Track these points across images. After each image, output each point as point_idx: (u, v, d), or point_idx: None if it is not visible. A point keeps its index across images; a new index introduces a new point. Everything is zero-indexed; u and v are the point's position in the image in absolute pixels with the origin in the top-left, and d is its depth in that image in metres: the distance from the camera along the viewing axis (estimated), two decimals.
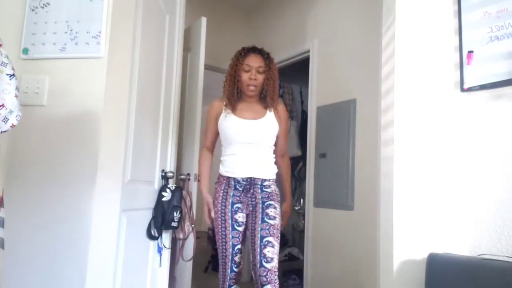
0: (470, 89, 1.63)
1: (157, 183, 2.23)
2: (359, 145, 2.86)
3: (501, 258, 1.46)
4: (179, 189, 2.28)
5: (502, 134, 1.56)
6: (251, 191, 2.08)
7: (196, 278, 3.21)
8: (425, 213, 1.64)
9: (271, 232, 1.99)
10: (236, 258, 2.07)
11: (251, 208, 2.09)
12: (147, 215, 2.12)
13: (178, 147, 2.57)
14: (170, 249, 2.38)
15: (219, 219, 2.08)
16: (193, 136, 2.72)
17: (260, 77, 2.13)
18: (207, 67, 3.22)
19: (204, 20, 2.77)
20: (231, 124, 2.11)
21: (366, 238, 2.64)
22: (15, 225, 1.57)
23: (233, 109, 2.13)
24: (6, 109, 1.18)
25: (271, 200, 2.08)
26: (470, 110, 1.64)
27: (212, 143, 2.28)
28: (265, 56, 2.17)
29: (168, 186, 2.23)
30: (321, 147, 3.17)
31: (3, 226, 1.29)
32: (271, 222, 2.02)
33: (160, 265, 2.26)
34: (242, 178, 2.07)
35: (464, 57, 1.65)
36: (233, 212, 2.08)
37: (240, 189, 2.08)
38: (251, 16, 4.35)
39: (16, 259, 1.59)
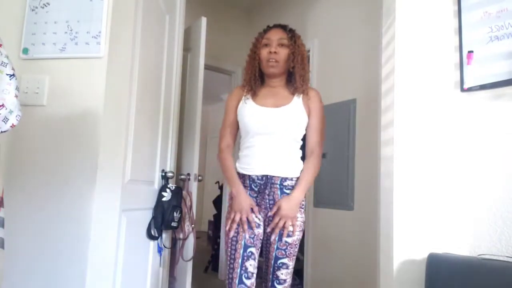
0: (470, 89, 1.63)
1: (157, 183, 2.23)
2: (359, 145, 2.86)
3: (501, 258, 1.46)
4: (179, 189, 2.28)
5: (502, 134, 1.55)
6: (268, 191, 1.73)
7: (196, 278, 3.22)
8: (425, 213, 1.64)
9: (287, 253, 1.73)
10: (248, 265, 1.68)
11: (266, 213, 1.75)
12: (147, 215, 2.12)
13: (178, 147, 2.57)
14: (170, 249, 2.38)
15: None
16: (193, 136, 2.72)
17: (283, 52, 1.77)
18: (207, 67, 3.22)
19: (204, 20, 2.77)
20: (249, 112, 1.78)
21: (366, 238, 2.64)
22: (15, 225, 1.57)
23: (254, 95, 1.81)
24: (6, 109, 1.18)
25: None
26: (470, 110, 1.64)
27: (232, 137, 1.89)
28: (288, 29, 1.84)
29: (168, 186, 2.23)
30: None
31: (3, 226, 1.29)
32: (289, 240, 1.72)
33: (160, 265, 2.26)
34: (257, 176, 1.73)
35: (464, 57, 1.65)
36: (254, 215, 1.74)
37: (256, 189, 1.74)
38: (251, 16, 4.35)
39: (16, 259, 1.59)
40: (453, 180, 1.66)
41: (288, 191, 1.73)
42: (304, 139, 1.83)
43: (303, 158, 1.83)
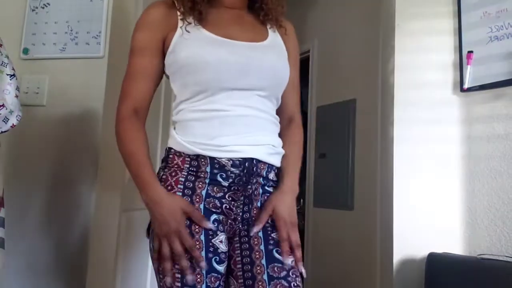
0: (470, 89, 1.63)
1: None
2: (359, 145, 2.86)
3: (500, 258, 1.46)
4: None
5: (502, 134, 1.56)
6: (247, 189, 0.99)
7: None
8: (425, 212, 1.65)
9: (293, 285, 0.96)
10: None
11: (239, 226, 1.01)
12: (147, 215, 2.12)
13: None
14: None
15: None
16: None
17: None
18: None
19: None
20: (210, 49, 0.98)
21: (366, 238, 2.65)
22: (15, 225, 1.57)
23: (200, 19, 1.01)
24: (7, 109, 1.18)
25: None
26: (470, 110, 1.65)
27: (146, 96, 1.08)
28: None
29: None
30: (321, 147, 3.17)
31: (3, 226, 1.29)
32: (288, 261, 0.98)
33: None
34: (235, 161, 0.97)
35: (464, 57, 1.65)
36: (209, 233, 0.97)
37: (226, 184, 0.98)
38: None
39: (16, 259, 1.59)
40: (452, 180, 1.66)
41: (270, 189, 1.04)
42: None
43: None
